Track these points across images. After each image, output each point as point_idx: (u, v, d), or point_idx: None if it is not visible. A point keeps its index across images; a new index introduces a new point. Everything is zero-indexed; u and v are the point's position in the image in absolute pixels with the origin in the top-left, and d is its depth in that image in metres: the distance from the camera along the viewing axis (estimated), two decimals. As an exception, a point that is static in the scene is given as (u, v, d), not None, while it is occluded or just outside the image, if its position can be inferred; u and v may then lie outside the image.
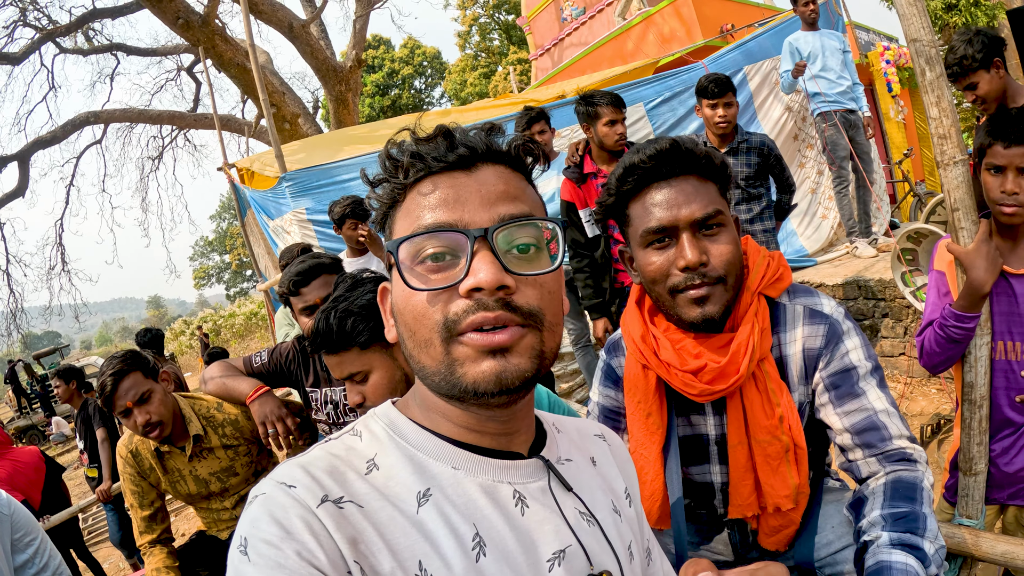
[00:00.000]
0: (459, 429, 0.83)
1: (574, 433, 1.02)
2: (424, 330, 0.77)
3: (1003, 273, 1.90)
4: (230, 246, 52.70)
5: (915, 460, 1.36)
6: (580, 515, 0.86)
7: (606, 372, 1.70)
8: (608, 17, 12.36)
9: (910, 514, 1.24)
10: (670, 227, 1.34)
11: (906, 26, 1.75)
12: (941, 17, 11.93)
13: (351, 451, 0.79)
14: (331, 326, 1.63)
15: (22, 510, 2.85)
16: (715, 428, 1.53)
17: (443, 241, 0.77)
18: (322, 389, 2.51)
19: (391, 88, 39.19)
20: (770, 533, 1.51)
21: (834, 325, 1.43)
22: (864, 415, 1.39)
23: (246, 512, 0.71)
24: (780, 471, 1.43)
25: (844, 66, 5.61)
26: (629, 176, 1.38)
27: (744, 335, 1.38)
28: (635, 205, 1.40)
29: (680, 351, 1.44)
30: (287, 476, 0.73)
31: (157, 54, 16.01)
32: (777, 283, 1.47)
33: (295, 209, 5.62)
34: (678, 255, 1.34)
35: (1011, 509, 2.11)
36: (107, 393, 2.45)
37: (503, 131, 0.86)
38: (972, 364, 1.86)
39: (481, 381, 0.75)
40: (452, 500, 0.77)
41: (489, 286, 0.74)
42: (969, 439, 1.90)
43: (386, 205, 0.85)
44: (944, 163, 1.76)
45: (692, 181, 1.36)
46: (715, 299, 1.35)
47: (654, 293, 1.42)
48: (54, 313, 16.53)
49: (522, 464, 0.85)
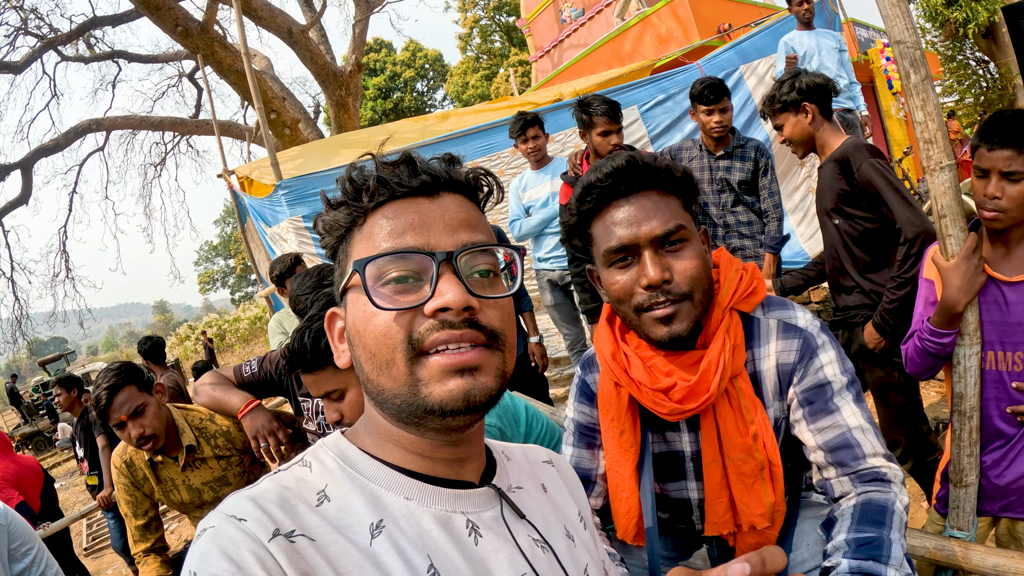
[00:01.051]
0: (411, 456, 0.83)
1: (523, 460, 1.02)
2: (386, 350, 0.77)
3: (995, 281, 1.87)
4: (234, 250, 52.79)
5: (888, 480, 1.33)
6: (534, 542, 0.86)
7: (581, 388, 1.67)
8: (607, 18, 12.36)
9: (875, 540, 1.21)
10: (631, 245, 1.31)
11: (890, 28, 1.74)
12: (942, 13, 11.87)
13: (301, 483, 0.78)
14: (306, 345, 1.63)
15: (19, 520, 2.86)
16: (690, 445, 1.50)
17: (408, 264, 0.78)
18: (313, 399, 2.50)
19: (393, 91, 39.22)
20: (747, 551, 1.49)
21: (808, 339, 1.41)
22: (837, 432, 1.37)
23: (194, 546, 0.69)
24: (755, 489, 1.41)
25: (840, 65, 5.57)
26: (587, 196, 1.36)
27: (715, 352, 1.36)
28: (597, 224, 1.38)
29: (651, 369, 1.42)
30: (237, 509, 0.71)
31: (158, 60, 16.03)
32: (750, 297, 1.44)
33: (291, 217, 5.62)
34: (640, 273, 1.31)
35: (1003, 521, 2.08)
36: (102, 407, 2.47)
37: (461, 163, 0.88)
38: (961, 375, 1.84)
39: (448, 400, 0.76)
40: (405, 531, 0.76)
41: (456, 306, 0.76)
42: (959, 450, 1.89)
43: (343, 228, 0.85)
44: (931, 168, 1.74)
45: (652, 196, 1.33)
46: (681, 316, 1.32)
47: (620, 312, 1.40)
48: (59, 319, 16.55)
49: (474, 493, 0.85)
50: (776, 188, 3.77)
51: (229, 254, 55.98)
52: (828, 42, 5.55)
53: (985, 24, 11.54)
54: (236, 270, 54.35)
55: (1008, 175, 1.76)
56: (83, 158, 16.59)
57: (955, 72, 13.42)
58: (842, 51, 5.60)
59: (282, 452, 2.43)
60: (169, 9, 10.35)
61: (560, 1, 13.62)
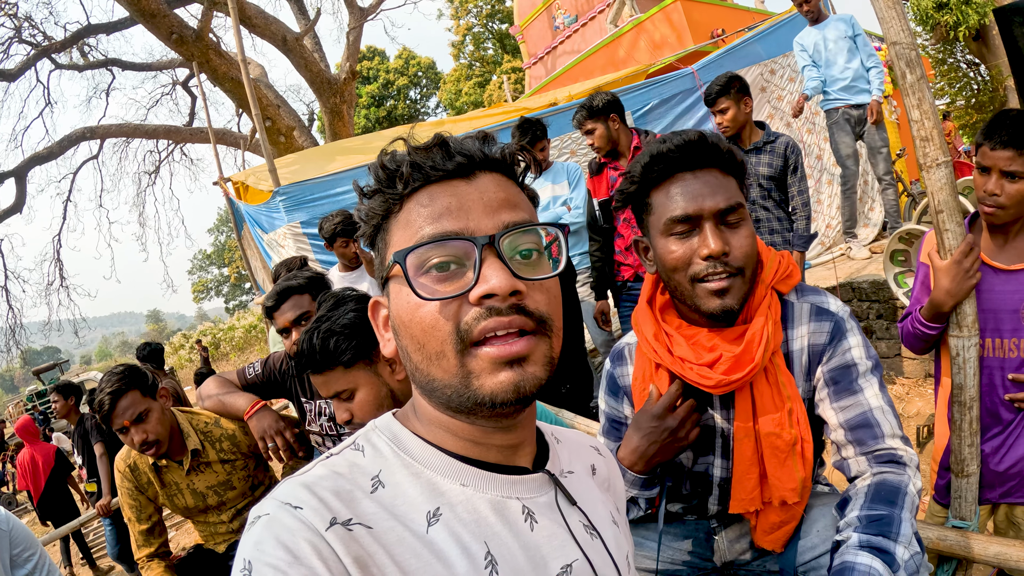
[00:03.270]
0: (464, 443, 0.82)
1: (573, 444, 1.02)
2: (435, 342, 0.76)
3: (992, 269, 1.92)
4: (228, 259, 52.64)
5: (904, 463, 1.37)
6: (584, 528, 0.86)
7: (609, 382, 1.71)
8: (600, 24, 12.39)
9: (885, 517, 1.25)
10: (695, 216, 1.36)
11: (886, 29, 1.77)
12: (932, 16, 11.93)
13: (354, 468, 0.77)
14: (315, 346, 1.64)
15: (20, 526, 2.86)
16: (722, 422, 1.54)
17: (449, 250, 0.76)
18: (316, 401, 2.52)
19: (386, 99, 39.26)
20: (769, 530, 1.52)
21: (839, 323, 1.47)
22: (859, 411, 1.42)
23: (248, 534, 0.68)
24: (787, 464, 1.45)
25: (851, 53, 5.35)
26: (656, 164, 1.41)
27: (758, 325, 1.41)
28: (658, 194, 1.43)
29: (694, 346, 1.46)
30: (292, 496, 0.70)
31: (152, 68, 15.99)
32: (788, 279, 1.50)
33: (289, 223, 5.62)
34: (701, 244, 1.36)
35: (1002, 507, 2.12)
36: (104, 411, 2.46)
37: (495, 140, 0.86)
38: (961, 366, 1.86)
39: (499, 392, 0.75)
40: (462, 518, 0.76)
41: (502, 291, 0.74)
42: (960, 441, 1.91)
43: (379, 217, 0.83)
44: (927, 165, 1.77)
45: (716, 174, 1.39)
46: (734, 291, 1.37)
47: (673, 282, 1.44)
48: (53, 329, 16.47)
49: (529, 479, 0.84)
50: (805, 186, 3.80)
51: (223, 263, 55.76)
52: (835, 32, 5.36)
53: (975, 27, 11.61)
54: (230, 279, 54.11)
55: (1008, 174, 1.81)
56: (77, 166, 16.55)
57: (946, 75, 13.49)
58: (856, 36, 5.34)
59: (290, 453, 2.44)
60: (164, 17, 10.34)
61: (553, 8, 13.65)
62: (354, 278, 4.16)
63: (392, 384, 1.67)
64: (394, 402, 1.67)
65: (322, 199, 5.62)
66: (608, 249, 3.93)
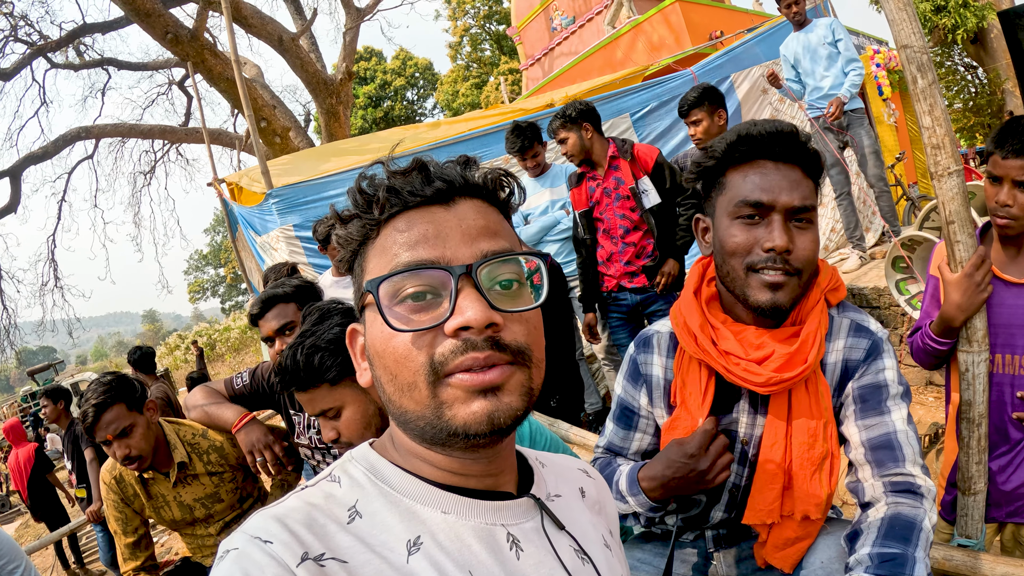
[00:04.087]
0: (443, 473, 0.79)
1: (559, 467, 0.99)
2: (407, 373, 0.73)
3: (1003, 283, 1.85)
4: (224, 259, 52.62)
5: (920, 495, 1.32)
6: (575, 553, 0.83)
7: (630, 367, 1.66)
8: (598, 26, 12.36)
9: (899, 557, 1.20)
10: (768, 205, 1.33)
11: (896, 32, 1.71)
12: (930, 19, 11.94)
13: (330, 499, 0.74)
14: (299, 362, 1.57)
15: (6, 538, 2.81)
16: (747, 427, 1.49)
17: (424, 279, 0.74)
18: (305, 413, 2.46)
19: (383, 100, 39.26)
20: (782, 546, 1.46)
21: (877, 343, 1.43)
22: (883, 431, 1.38)
23: (217, 568, 0.65)
24: (815, 477, 1.40)
25: (830, 60, 5.24)
26: (742, 144, 1.37)
27: (813, 326, 1.38)
28: (735, 174, 1.40)
29: (741, 341, 1.42)
30: (262, 530, 0.68)
31: (148, 68, 15.95)
32: (835, 292, 1.47)
33: (282, 226, 5.56)
34: (766, 236, 1.33)
35: (1008, 527, 2.06)
36: (88, 423, 2.39)
37: (478, 164, 0.83)
38: (970, 382, 1.81)
39: (472, 422, 0.72)
40: (445, 547, 0.73)
41: (478, 324, 0.71)
42: (968, 458, 1.86)
43: (356, 242, 0.80)
44: (938, 174, 1.71)
45: (797, 171, 1.36)
46: (788, 289, 1.34)
47: (727, 266, 1.40)
48: (48, 329, 16.41)
49: (513, 504, 0.81)
50: None
51: (219, 263, 55.76)
52: (816, 39, 5.26)
53: (974, 30, 11.63)
54: (226, 279, 54.11)
55: (1021, 184, 1.74)
56: (72, 166, 16.49)
57: (944, 78, 13.52)
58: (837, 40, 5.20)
59: (279, 467, 2.38)
60: (159, 16, 10.30)
61: (551, 9, 13.61)
62: (347, 283, 4.10)
63: (380, 403, 1.60)
64: (382, 421, 1.60)
65: (315, 201, 5.56)
66: (592, 261, 3.93)
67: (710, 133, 3.73)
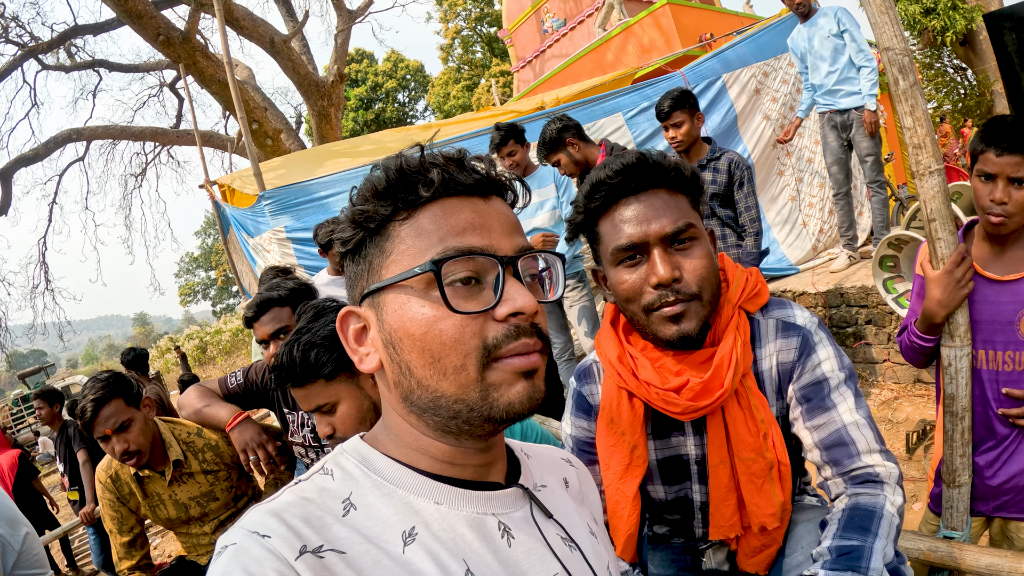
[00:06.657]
0: (438, 464, 0.81)
1: (543, 458, 1.02)
2: (456, 356, 0.74)
3: (986, 280, 1.88)
4: (215, 262, 52.36)
5: (880, 481, 1.33)
6: (563, 541, 0.86)
7: (577, 401, 1.63)
8: (588, 28, 12.39)
9: (856, 550, 1.20)
10: (640, 243, 1.30)
11: (878, 34, 1.75)
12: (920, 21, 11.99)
13: (324, 492, 0.75)
14: (294, 358, 1.59)
15: (35, 545, 2.83)
16: (695, 448, 1.49)
17: (476, 265, 0.76)
18: (299, 411, 2.48)
19: (375, 102, 39.17)
20: (751, 554, 1.48)
21: (807, 336, 1.41)
22: (832, 429, 1.37)
23: (215, 564, 0.66)
24: (765, 489, 1.40)
25: (836, 53, 5.00)
26: (596, 193, 1.35)
27: (727, 348, 1.35)
28: (604, 222, 1.37)
29: (660, 369, 1.40)
30: (260, 525, 0.68)
31: (139, 70, 15.86)
32: (755, 298, 1.44)
33: (274, 228, 5.56)
34: (650, 272, 1.30)
35: (997, 521, 2.09)
36: (87, 418, 2.41)
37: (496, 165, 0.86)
38: (953, 376, 1.84)
39: (516, 402, 0.75)
40: (439, 537, 0.75)
41: (530, 311, 0.76)
42: (952, 451, 1.89)
43: (383, 217, 0.79)
44: (920, 173, 1.74)
45: (661, 195, 1.33)
46: (691, 315, 1.31)
47: (628, 312, 1.38)
48: (38, 332, 16.32)
49: (503, 494, 0.84)
50: (753, 202, 3.77)
51: (210, 266, 55.50)
52: (820, 31, 5.07)
53: (963, 32, 11.68)
54: (217, 282, 53.85)
55: (1016, 180, 1.76)
56: (63, 168, 16.38)
57: (933, 79, 13.56)
58: (843, 32, 4.95)
59: (272, 466, 2.40)
60: (151, 18, 10.26)
61: (542, 12, 13.65)
62: (343, 281, 4.11)
63: (375, 397, 1.62)
64: (377, 415, 1.62)
65: (308, 203, 5.56)
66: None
67: (691, 136, 3.76)
